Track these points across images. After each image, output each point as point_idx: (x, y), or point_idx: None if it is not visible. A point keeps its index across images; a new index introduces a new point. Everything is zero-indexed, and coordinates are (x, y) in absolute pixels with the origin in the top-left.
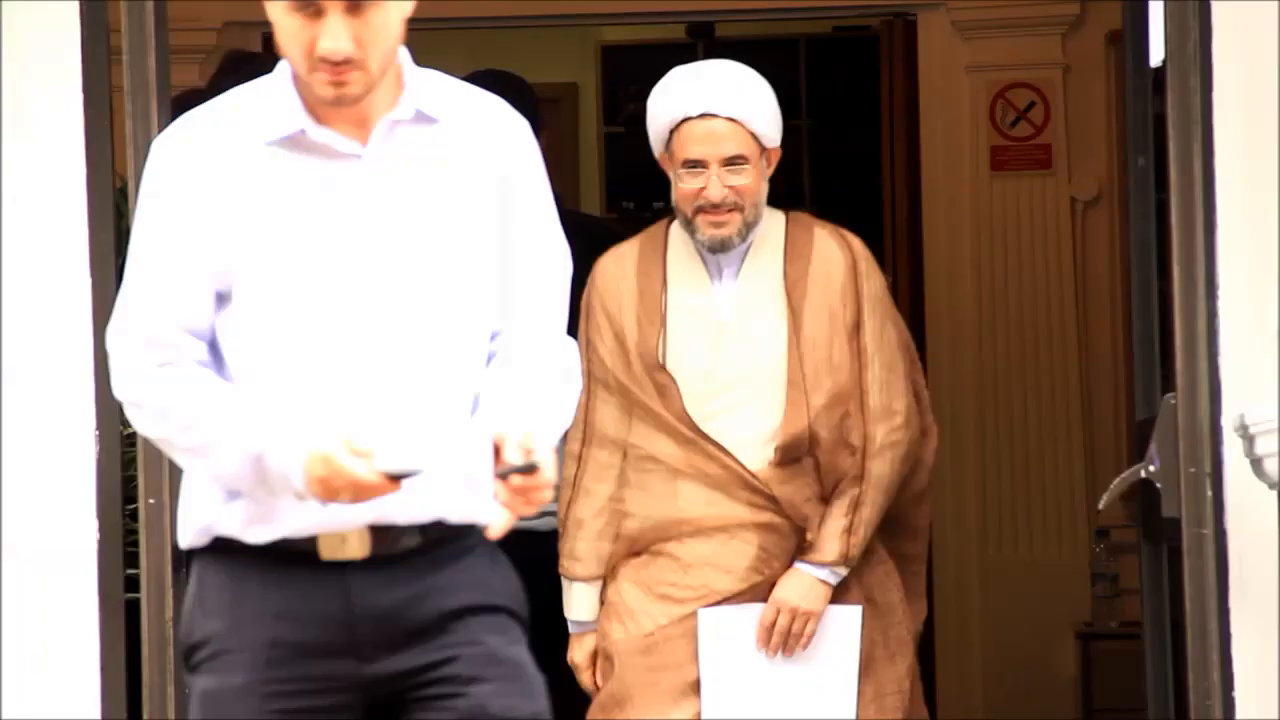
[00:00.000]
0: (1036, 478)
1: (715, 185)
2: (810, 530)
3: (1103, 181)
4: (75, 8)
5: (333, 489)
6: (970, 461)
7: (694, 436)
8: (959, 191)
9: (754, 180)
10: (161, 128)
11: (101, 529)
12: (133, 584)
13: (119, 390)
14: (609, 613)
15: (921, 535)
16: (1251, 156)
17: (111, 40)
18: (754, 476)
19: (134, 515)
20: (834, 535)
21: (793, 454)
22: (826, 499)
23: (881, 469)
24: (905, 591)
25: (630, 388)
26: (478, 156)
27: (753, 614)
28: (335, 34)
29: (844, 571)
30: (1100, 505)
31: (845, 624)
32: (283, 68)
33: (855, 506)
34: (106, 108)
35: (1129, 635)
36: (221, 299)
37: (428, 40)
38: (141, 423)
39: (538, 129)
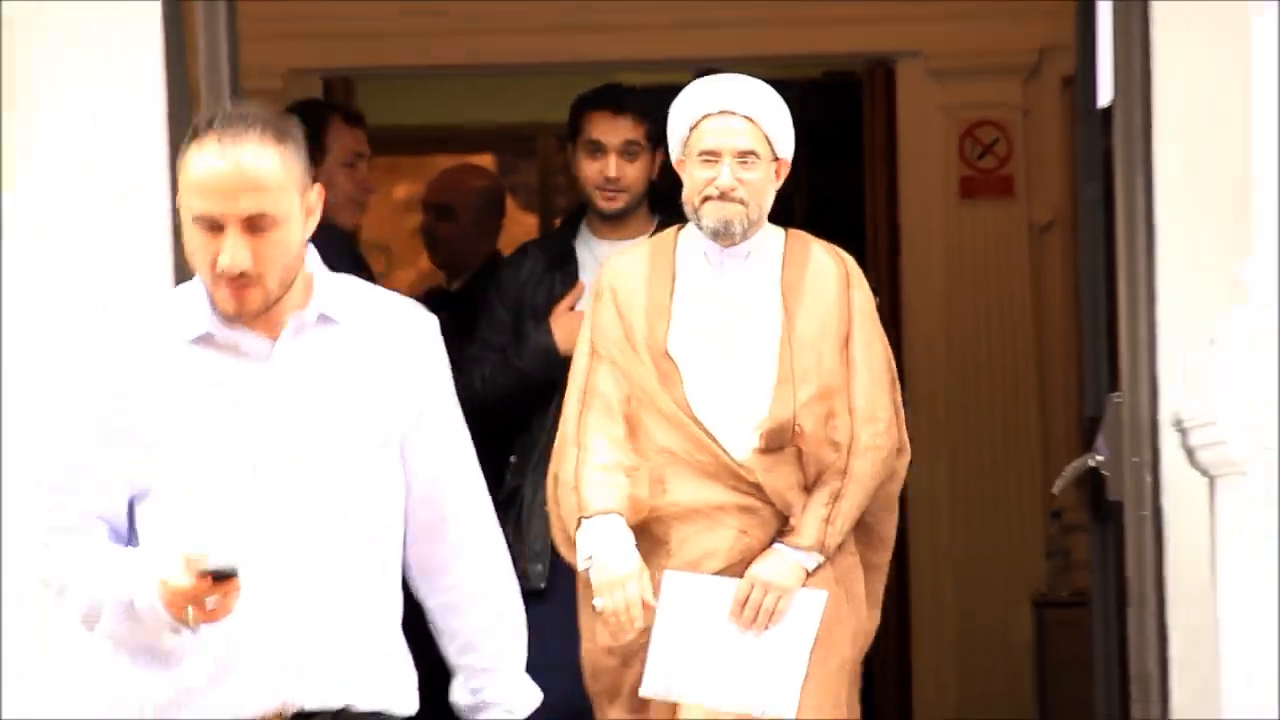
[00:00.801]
0: (1000, 467)
1: (727, 173)
2: (792, 516)
3: (1057, 208)
4: (161, 62)
5: (176, 605)
6: (943, 454)
7: (688, 422)
8: (932, 216)
9: (761, 179)
10: None
11: None
12: None
13: (36, 577)
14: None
15: (888, 546)
16: (1188, 188)
17: (191, 86)
18: (739, 464)
19: None
20: (814, 522)
21: (776, 442)
22: (809, 488)
23: (864, 468)
24: (868, 595)
25: (633, 374)
26: (382, 361)
27: (715, 584)
28: (233, 250)
29: (820, 558)
30: (1055, 490)
31: (809, 605)
32: None
33: (836, 498)
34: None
35: (1079, 603)
36: (137, 495)
37: (463, 85)
38: (58, 606)
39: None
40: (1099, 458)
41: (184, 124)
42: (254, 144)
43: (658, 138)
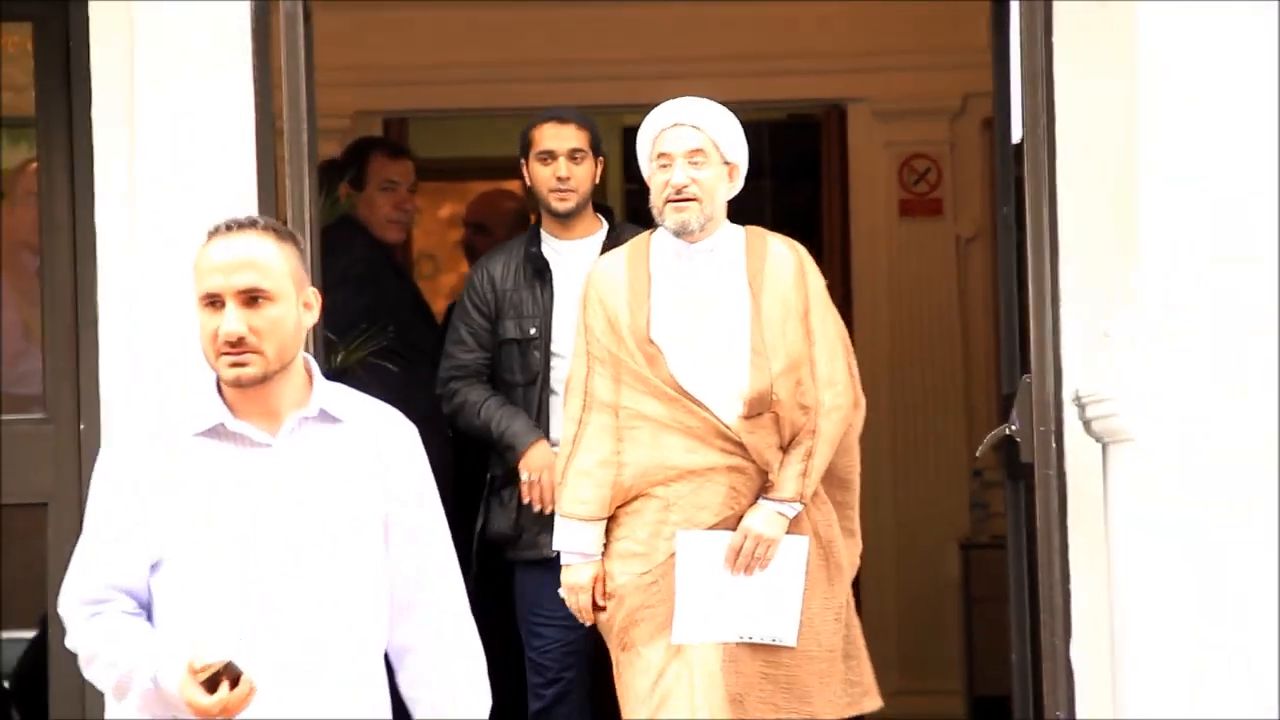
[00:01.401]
0: (933, 436)
1: (679, 172)
2: (772, 473)
3: (979, 224)
4: (252, 103)
5: (190, 706)
6: (885, 425)
7: (677, 395)
8: (877, 231)
9: (712, 179)
10: (312, 188)
11: None
12: None
13: (70, 645)
14: (613, 555)
15: (851, 486)
16: (1084, 209)
17: (276, 123)
18: (727, 427)
19: None
20: (792, 477)
21: (757, 409)
22: (785, 448)
23: (829, 426)
24: (842, 529)
25: (622, 359)
26: (371, 457)
27: (722, 539)
28: (231, 319)
29: (799, 507)
30: (977, 453)
31: (795, 551)
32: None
33: (809, 455)
34: (271, 173)
35: (997, 546)
36: (155, 565)
37: (496, 124)
38: (87, 672)
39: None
40: (1013, 427)
41: (269, 154)
42: (254, 236)
43: (598, 146)
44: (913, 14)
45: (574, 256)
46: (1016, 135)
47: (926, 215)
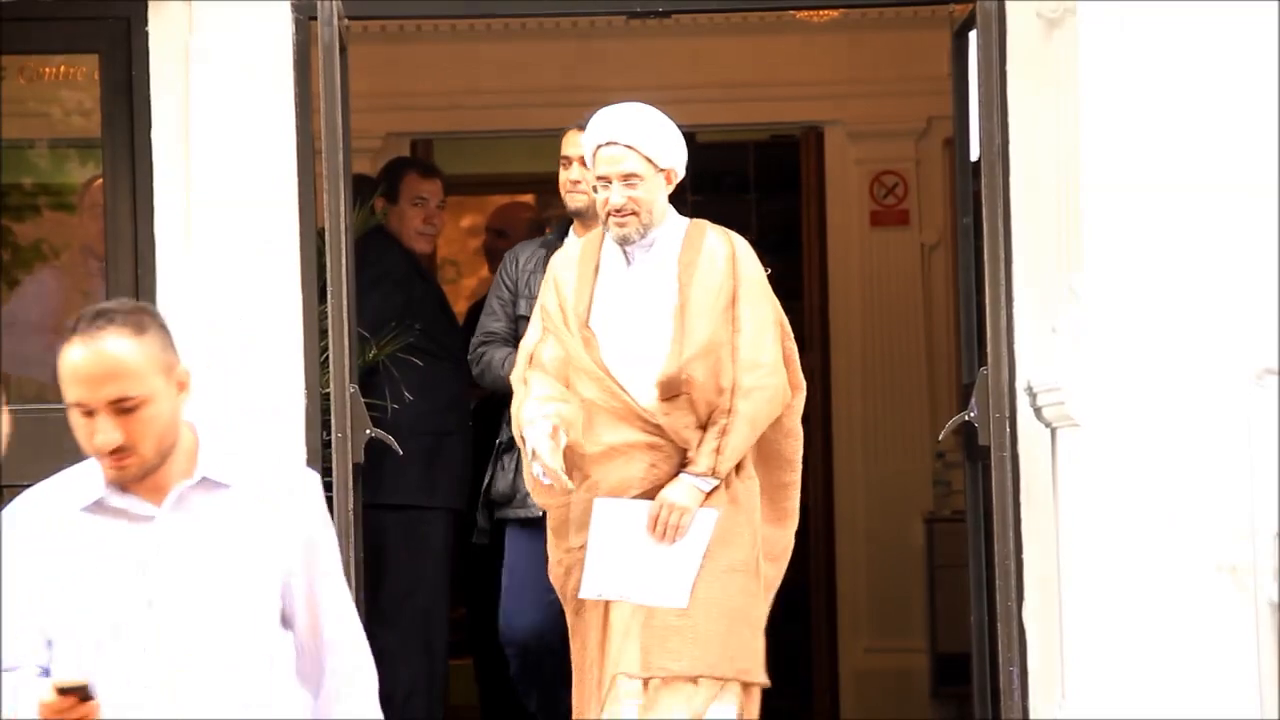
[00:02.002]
0: (900, 421)
1: (616, 195)
2: (690, 450)
3: (941, 233)
4: (293, 125)
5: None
6: (858, 412)
7: (604, 377)
8: (850, 239)
9: (648, 192)
10: (347, 201)
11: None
12: None
13: None
14: (561, 529)
15: (793, 466)
16: (1034, 219)
17: (314, 143)
18: (644, 409)
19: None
20: (706, 453)
21: (670, 391)
22: (704, 427)
23: (747, 407)
24: (780, 509)
25: (567, 341)
26: (262, 518)
27: (636, 506)
28: (104, 430)
29: (714, 481)
30: (940, 437)
31: (704, 521)
32: None
33: (723, 433)
34: (312, 188)
35: (958, 520)
36: (49, 637)
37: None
38: None
39: None
40: (972, 414)
41: (309, 171)
42: (112, 335)
43: None
44: (882, 46)
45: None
46: (974, 154)
47: (894, 225)
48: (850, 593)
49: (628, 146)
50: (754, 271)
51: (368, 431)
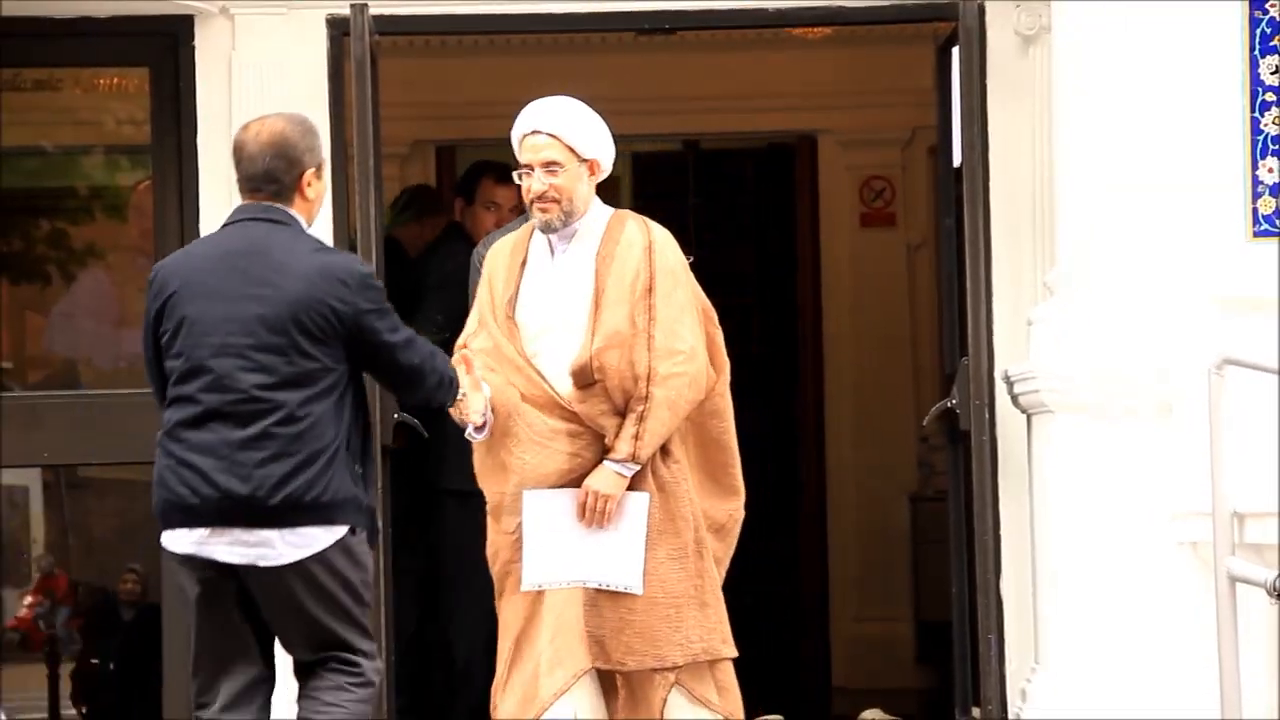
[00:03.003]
0: (888, 409)
1: (537, 182)
2: (609, 437)
3: (925, 233)
4: (328, 132)
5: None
6: (849, 399)
7: (526, 366)
8: (842, 239)
9: (568, 181)
10: (377, 204)
11: None
12: None
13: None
14: (489, 514)
15: (724, 447)
16: (1011, 221)
17: (347, 150)
18: (561, 398)
19: None
20: (625, 439)
21: (583, 380)
22: (622, 414)
23: (664, 393)
24: (723, 485)
25: (493, 331)
26: None
27: (563, 495)
28: None
29: (635, 466)
30: (924, 422)
31: (636, 506)
32: None
33: (641, 419)
34: (344, 191)
35: (939, 499)
36: None
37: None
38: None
39: None
40: (953, 401)
41: (342, 175)
42: None
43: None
44: (871, 61)
45: None
46: (956, 160)
47: (882, 226)
48: (840, 566)
49: (550, 135)
50: (670, 261)
51: (395, 415)
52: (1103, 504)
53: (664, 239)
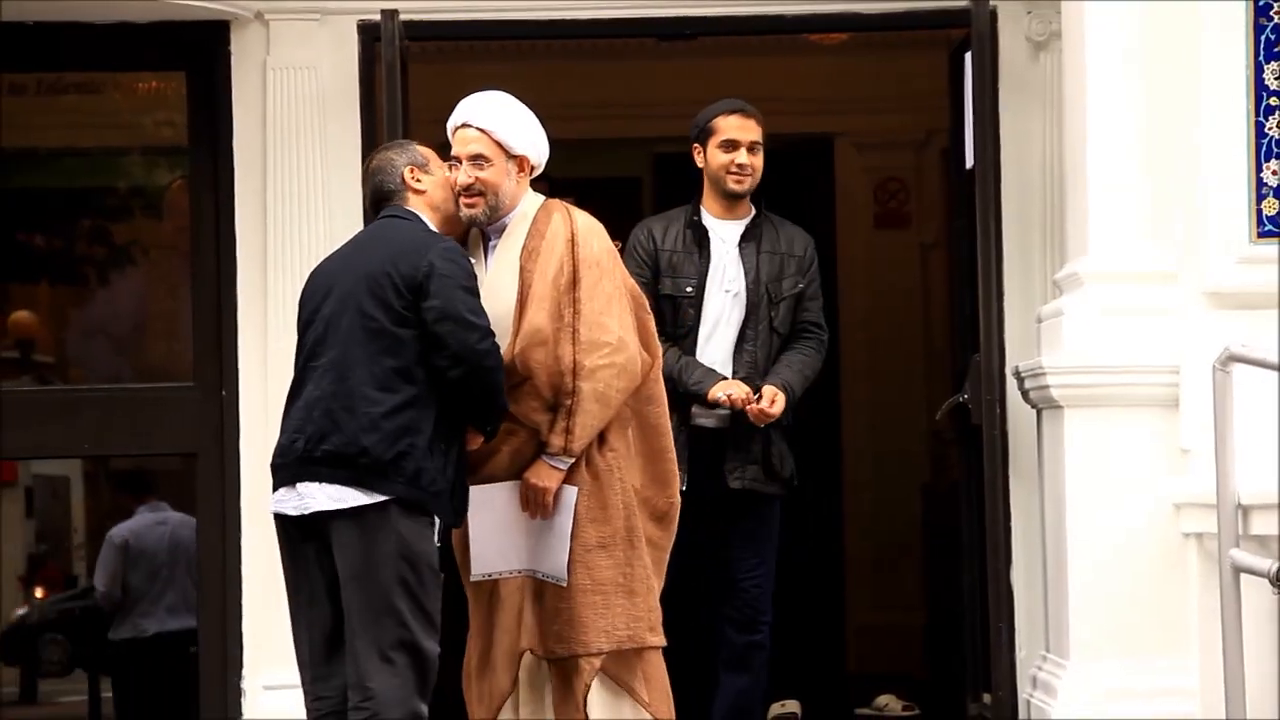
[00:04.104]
0: (903, 403)
1: (463, 174)
2: (542, 433)
3: (938, 233)
4: (359, 133)
5: None
6: (865, 395)
7: None
8: (858, 239)
9: (495, 175)
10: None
11: None
12: None
13: None
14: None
15: (662, 432)
16: (1021, 222)
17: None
18: None
19: None
20: (557, 434)
21: (513, 379)
22: (555, 409)
23: (591, 386)
24: (660, 471)
25: None
26: None
27: (503, 489)
28: None
29: (568, 459)
30: (937, 417)
31: (566, 498)
32: None
33: (569, 414)
34: None
35: (952, 491)
36: None
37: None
38: None
39: None
40: (965, 396)
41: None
42: None
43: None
44: (886, 66)
45: (727, 231)
46: (968, 162)
47: (896, 226)
48: (857, 557)
49: (479, 130)
50: (594, 251)
51: None
52: (1110, 496)
53: (587, 229)
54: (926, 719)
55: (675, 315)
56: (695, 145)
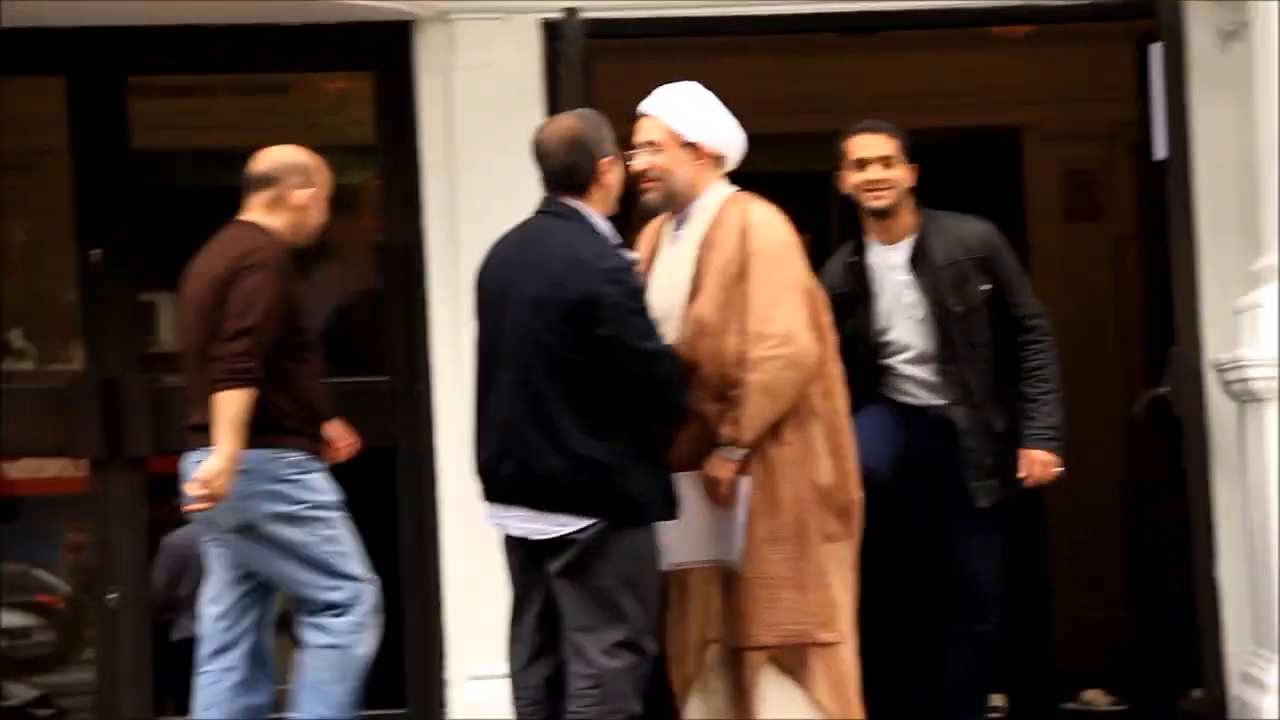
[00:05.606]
0: (1097, 398)
1: (639, 160)
2: (714, 424)
3: (1131, 225)
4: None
5: None
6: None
7: None
8: (1049, 231)
9: (668, 161)
10: None
11: None
12: None
13: None
14: None
15: (836, 428)
16: (1215, 212)
17: None
18: None
19: None
20: (727, 424)
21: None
22: (724, 400)
23: (758, 377)
24: (836, 468)
25: None
26: None
27: (684, 480)
28: None
29: (739, 450)
30: (1135, 410)
31: (740, 490)
32: None
33: (737, 405)
34: None
35: (1151, 486)
36: None
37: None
38: None
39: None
40: (1164, 389)
41: None
42: None
43: (907, 151)
44: (1074, 58)
45: (895, 257)
46: (1159, 154)
47: (1088, 219)
48: (1059, 550)
49: (654, 117)
50: (766, 243)
51: None
52: None
53: (762, 221)
54: (1134, 715)
55: (872, 353)
56: (838, 174)
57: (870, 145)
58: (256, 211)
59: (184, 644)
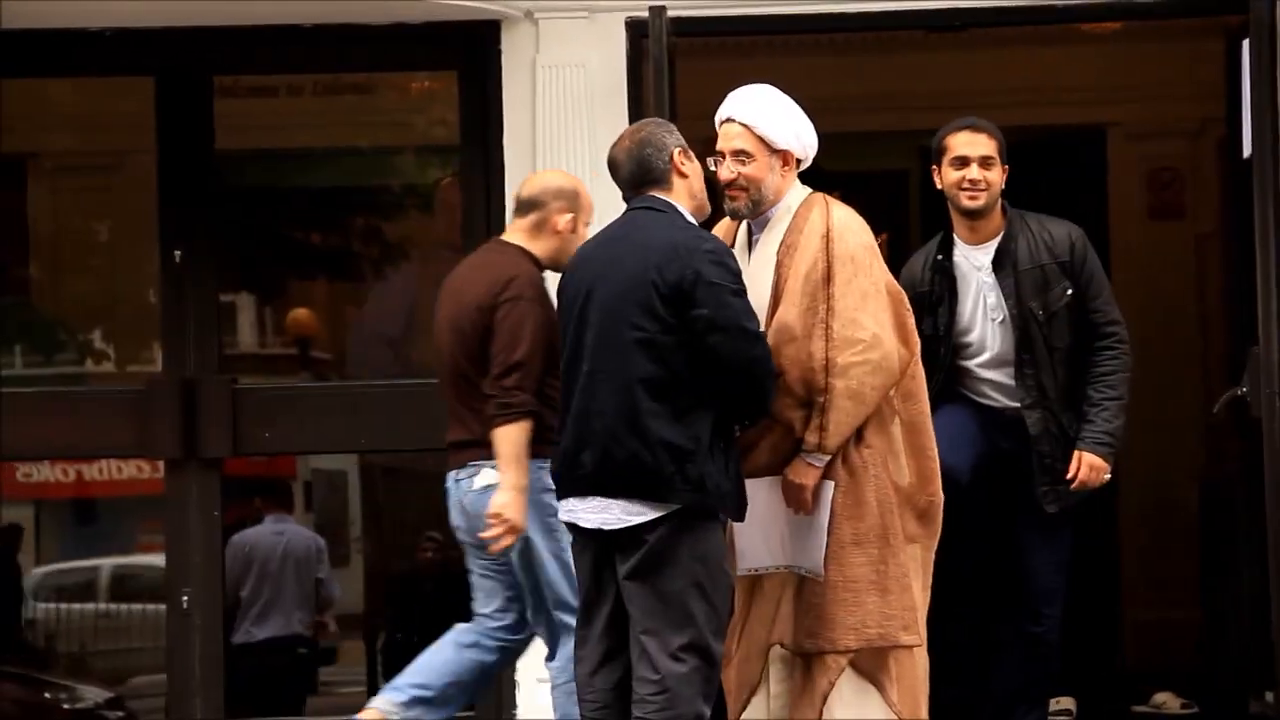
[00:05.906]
0: (1177, 396)
1: (725, 169)
2: (798, 429)
3: (1214, 224)
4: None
5: None
6: (1138, 389)
7: None
8: (1132, 229)
9: (757, 170)
10: None
11: None
12: None
13: None
14: None
15: (919, 429)
16: None
17: None
18: None
19: None
20: (812, 431)
21: None
22: (809, 406)
23: (844, 383)
24: (922, 469)
25: None
26: None
27: (764, 485)
28: None
29: (823, 456)
30: (1215, 410)
31: (824, 494)
32: None
33: (823, 411)
34: None
35: (1229, 484)
36: None
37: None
38: None
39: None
40: (1243, 389)
41: None
42: None
43: (1004, 153)
44: (1160, 54)
45: (980, 257)
46: (1246, 151)
47: (1171, 217)
48: (1130, 550)
49: (743, 125)
50: (849, 246)
51: None
52: None
53: (843, 224)
54: (1205, 718)
55: (951, 354)
56: (933, 167)
57: (973, 144)
58: (519, 234)
59: (246, 648)
